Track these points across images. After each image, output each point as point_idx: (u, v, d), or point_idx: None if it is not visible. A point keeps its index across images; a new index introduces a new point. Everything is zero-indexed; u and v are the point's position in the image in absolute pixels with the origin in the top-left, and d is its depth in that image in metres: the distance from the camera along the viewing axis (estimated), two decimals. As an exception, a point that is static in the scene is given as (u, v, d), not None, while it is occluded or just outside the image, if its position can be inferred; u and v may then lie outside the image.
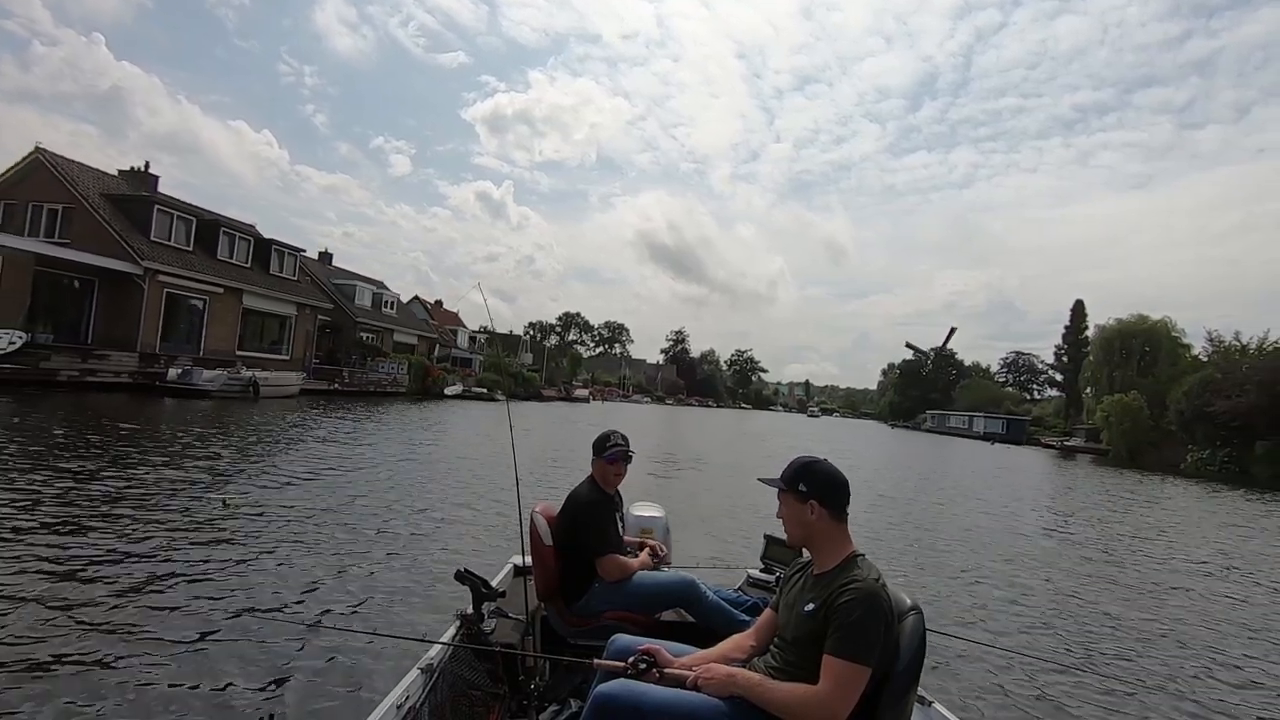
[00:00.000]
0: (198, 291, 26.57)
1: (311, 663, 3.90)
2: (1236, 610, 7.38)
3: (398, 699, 2.16)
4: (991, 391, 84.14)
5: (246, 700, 3.43)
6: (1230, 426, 37.37)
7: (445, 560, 6.16)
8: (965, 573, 7.99)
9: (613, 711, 1.88)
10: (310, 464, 11.13)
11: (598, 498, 3.29)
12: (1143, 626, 6.43)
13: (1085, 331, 67.98)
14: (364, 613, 4.82)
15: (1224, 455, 37.76)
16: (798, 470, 2.08)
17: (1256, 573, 9.63)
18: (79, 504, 7.07)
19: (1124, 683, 4.84)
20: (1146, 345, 53.47)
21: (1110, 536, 12.02)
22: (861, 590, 1.85)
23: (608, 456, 3.34)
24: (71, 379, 19.74)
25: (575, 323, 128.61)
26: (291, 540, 6.51)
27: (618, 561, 3.16)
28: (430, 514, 8.40)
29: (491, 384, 45.63)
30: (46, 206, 24.38)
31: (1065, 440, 55.22)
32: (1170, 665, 5.40)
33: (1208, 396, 38.90)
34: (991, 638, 5.46)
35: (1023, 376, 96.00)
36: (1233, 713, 4.57)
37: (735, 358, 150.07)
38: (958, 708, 3.30)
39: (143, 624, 4.24)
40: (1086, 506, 17.07)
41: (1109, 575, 8.62)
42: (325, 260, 44.17)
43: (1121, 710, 4.42)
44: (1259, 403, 35.85)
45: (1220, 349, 47.05)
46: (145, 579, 5.04)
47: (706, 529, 8.88)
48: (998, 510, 14.42)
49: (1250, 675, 5.33)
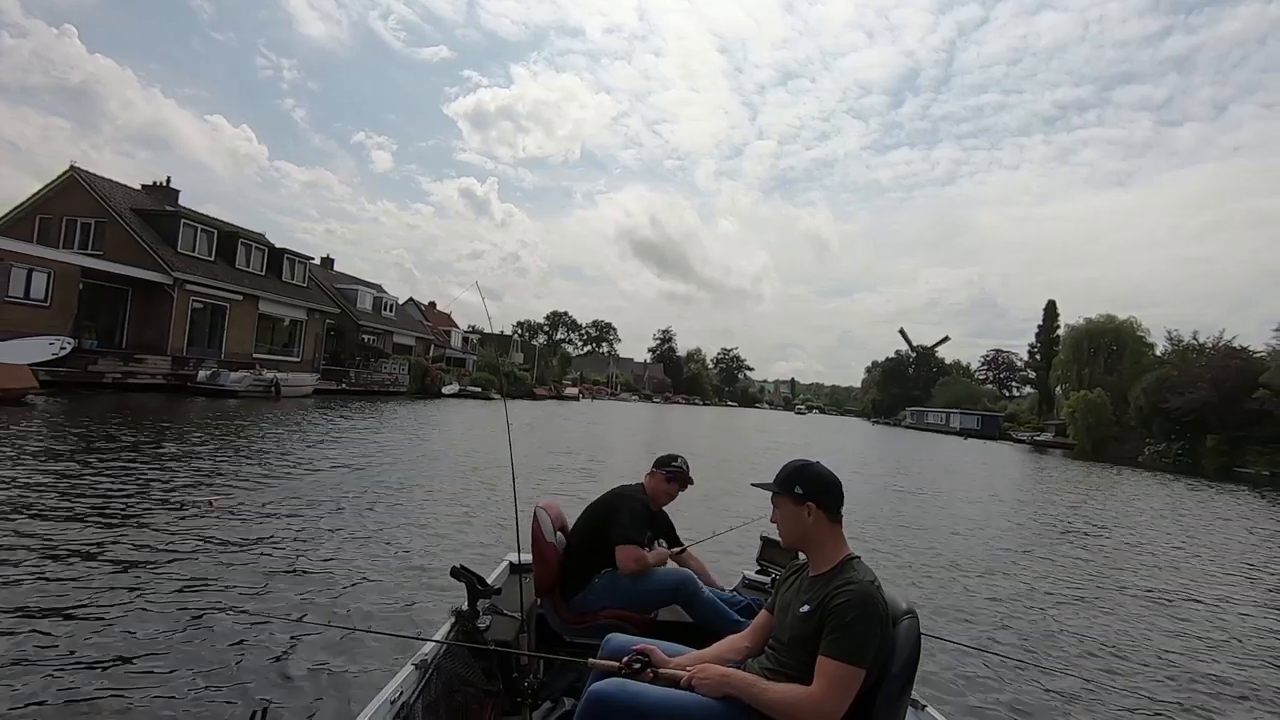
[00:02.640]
0: (220, 299, 28.50)
1: (305, 658, 3.92)
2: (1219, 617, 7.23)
3: (391, 694, 2.15)
4: (969, 389, 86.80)
5: (239, 695, 3.44)
6: (1184, 421, 39.73)
7: (442, 556, 6.26)
8: (950, 574, 7.88)
9: (606, 710, 1.88)
10: (327, 458, 11.88)
11: (642, 499, 3.43)
12: (1132, 627, 6.46)
13: (1057, 330, 69.92)
14: (359, 608, 4.84)
15: (1178, 448, 40.08)
16: (793, 473, 2.10)
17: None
18: (92, 497, 7.25)
19: (1117, 684, 4.89)
20: (1113, 344, 55.84)
21: (1080, 531, 12.07)
22: (857, 592, 1.87)
23: (668, 474, 3.46)
24: (115, 380, 21.61)
25: (563, 322, 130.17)
26: (295, 533, 6.66)
27: (638, 552, 3.20)
28: (429, 509, 8.54)
29: (486, 383, 47.61)
30: (80, 221, 26.16)
31: (1036, 435, 57.34)
32: (1160, 665, 5.45)
33: (1164, 393, 41.19)
34: (985, 641, 5.50)
35: (1002, 374, 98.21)
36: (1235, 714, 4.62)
37: (721, 356, 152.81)
38: (951, 712, 3.24)
39: (132, 616, 4.27)
40: (1060, 504, 16.79)
41: (1093, 575, 8.60)
42: (328, 265, 45.95)
43: (1115, 711, 4.49)
44: (1209, 399, 38.20)
45: (1178, 348, 49.49)
46: (133, 572, 5.10)
47: (703, 528, 8.86)
48: (979, 508, 14.44)
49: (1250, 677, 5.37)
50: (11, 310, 20.22)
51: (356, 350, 40.06)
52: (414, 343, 49.88)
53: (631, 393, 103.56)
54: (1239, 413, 37.21)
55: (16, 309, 20.42)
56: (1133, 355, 53.44)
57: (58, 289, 21.73)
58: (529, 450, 16.56)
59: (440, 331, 61.55)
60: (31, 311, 20.84)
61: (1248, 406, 36.82)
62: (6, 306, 20.19)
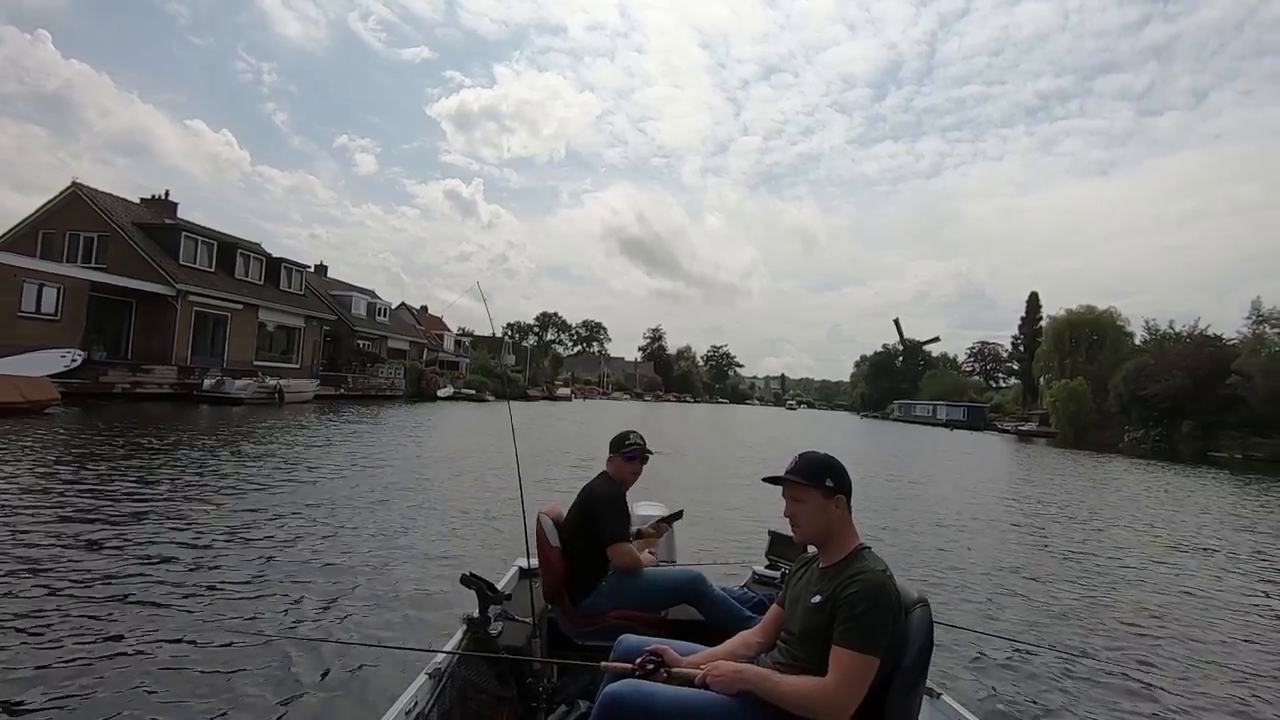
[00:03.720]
0: (221, 308, 29.19)
1: (319, 668, 3.93)
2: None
3: (406, 704, 2.16)
4: (956, 381, 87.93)
5: (250, 710, 3.43)
6: (1161, 408, 40.98)
7: (451, 563, 6.27)
8: (951, 560, 8.10)
9: (621, 712, 1.88)
10: (334, 463, 12.17)
11: (614, 490, 3.37)
12: (1146, 608, 6.58)
13: (1040, 322, 71.16)
14: (371, 616, 4.85)
15: (1155, 434, 41.37)
16: (820, 465, 2.06)
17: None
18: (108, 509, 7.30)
19: (1129, 667, 4.92)
20: (1094, 334, 57.24)
21: (1076, 519, 12.37)
22: (869, 581, 1.86)
23: (626, 454, 3.44)
24: (125, 390, 22.30)
25: (553, 322, 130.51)
26: (301, 543, 6.67)
27: (631, 549, 3.22)
28: (437, 516, 8.59)
29: (480, 385, 48.47)
30: (83, 235, 26.78)
31: (1020, 425, 58.37)
32: (1171, 647, 5.51)
33: (1142, 381, 42.41)
34: (997, 627, 5.52)
35: (988, 365, 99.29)
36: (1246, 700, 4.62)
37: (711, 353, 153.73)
38: (966, 699, 3.34)
39: (143, 631, 4.27)
40: (1053, 490, 17.13)
41: (1095, 559, 8.81)
42: (321, 273, 46.55)
43: (1130, 694, 4.51)
44: (1185, 386, 39.46)
45: (1156, 336, 50.72)
46: (147, 583, 5.12)
47: (709, 526, 8.86)
48: (974, 496, 14.86)
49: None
50: (25, 324, 20.88)
51: (352, 356, 40.79)
52: (408, 347, 50.61)
53: (623, 392, 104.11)
54: (1213, 399, 38.46)
55: (29, 323, 21.09)
56: (1112, 345, 54.75)
57: (67, 303, 22.41)
58: (532, 451, 16.98)
59: (433, 335, 62.19)
60: (43, 325, 21.52)
61: (1221, 393, 38.09)
62: (20, 321, 20.85)
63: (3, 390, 14.90)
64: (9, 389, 15.11)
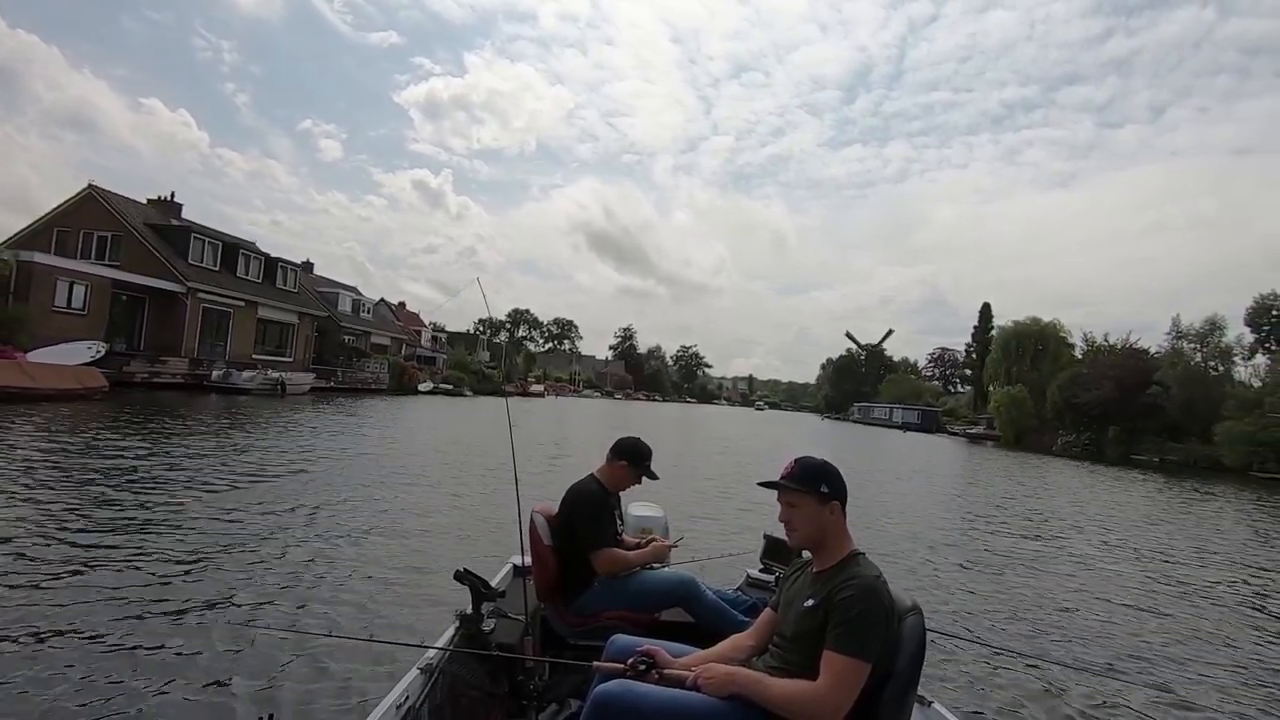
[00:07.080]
0: (225, 305, 31.22)
1: (309, 663, 3.90)
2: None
3: (397, 699, 2.15)
4: (914, 385, 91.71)
5: (242, 702, 3.42)
6: (1091, 414, 44.55)
7: (445, 559, 6.18)
8: (914, 562, 8.11)
9: (612, 712, 1.87)
10: (334, 450, 12.85)
11: (596, 492, 3.31)
12: (1130, 616, 6.67)
13: (991, 331, 74.78)
14: (364, 611, 4.83)
15: (1085, 438, 45.00)
16: (816, 471, 2.07)
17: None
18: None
19: (1118, 676, 4.97)
20: (1039, 344, 60.31)
21: (1038, 522, 12.62)
22: (862, 586, 1.87)
23: (636, 470, 3.40)
24: (143, 380, 24.32)
25: (525, 319, 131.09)
26: (297, 536, 6.72)
27: (613, 554, 3.19)
28: (430, 512, 8.57)
29: (458, 380, 50.81)
30: (98, 234, 28.61)
31: (969, 429, 61.90)
32: (1160, 657, 5.51)
33: (1075, 389, 45.93)
34: (988, 636, 5.53)
35: (947, 370, 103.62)
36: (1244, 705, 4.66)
37: (681, 353, 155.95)
38: (957, 708, 3.32)
39: (132, 624, 4.25)
40: (1007, 494, 17.27)
41: (1075, 566, 8.90)
42: (308, 269, 48.38)
43: (1119, 703, 4.53)
44: (1112, 395, 42.93)
45: (1092, 348, 54.75)
46: (138, 578, 5.07)
47: (702, 529, 8.70)
48: (934, 498, 15.19)
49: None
50: (57, 318, 22.88)
51: (339, 350, 42.67)
52: (389, 342, 52.54)
53: (594, 389, 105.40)
54: (1136, 407, 42.11)
55: (61, 317, 23.10)
56: (1054, 355, 57.99)
57: (93, 299, 24.47)
58: (520, 446, 18.53)
59: (411, 331, 64.04)
60: (73, 319, 23.56)
61: (1143, 401, 41.84)
62: (53, 315, 22.82)
63: (64, 379, 17.04)
64: (69, 377, 17.27)
